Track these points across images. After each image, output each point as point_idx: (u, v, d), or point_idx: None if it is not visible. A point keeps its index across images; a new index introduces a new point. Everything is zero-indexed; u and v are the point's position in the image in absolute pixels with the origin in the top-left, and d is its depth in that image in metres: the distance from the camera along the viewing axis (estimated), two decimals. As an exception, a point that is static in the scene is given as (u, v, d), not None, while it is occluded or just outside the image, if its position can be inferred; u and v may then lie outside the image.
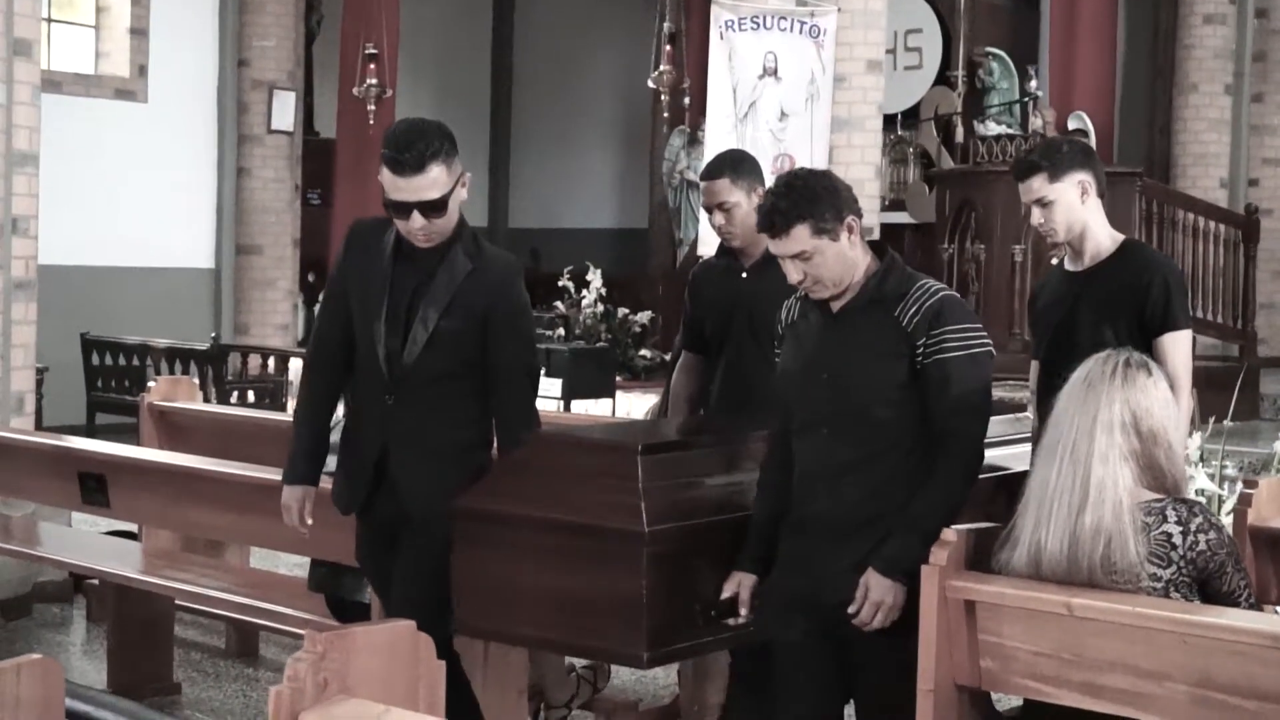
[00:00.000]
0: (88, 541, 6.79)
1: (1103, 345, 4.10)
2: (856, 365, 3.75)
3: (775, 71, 10.47)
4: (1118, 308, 4.44)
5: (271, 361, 11.96)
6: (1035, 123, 13.13)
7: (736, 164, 5.10)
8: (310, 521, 4.34)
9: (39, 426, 8.43)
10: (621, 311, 12.60)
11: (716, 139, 10.64)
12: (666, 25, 11.76)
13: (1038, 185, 4.47)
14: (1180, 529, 3.36)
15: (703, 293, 5.19)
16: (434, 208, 3.99)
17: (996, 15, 14.82)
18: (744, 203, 4.93)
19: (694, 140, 14.85)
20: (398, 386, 4.13)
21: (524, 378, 4.23)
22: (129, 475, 5.65)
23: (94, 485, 5.61)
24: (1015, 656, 3.45)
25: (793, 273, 3.78)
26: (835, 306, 3.81)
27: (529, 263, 17.17)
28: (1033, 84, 13.78)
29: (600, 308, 12.42)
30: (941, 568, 3.51)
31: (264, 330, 13.73)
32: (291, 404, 10.61)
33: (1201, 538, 3.36)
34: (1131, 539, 3.35)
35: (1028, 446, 4.51)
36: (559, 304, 12.77)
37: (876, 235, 10.88)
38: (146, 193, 13.31)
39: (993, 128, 13.64)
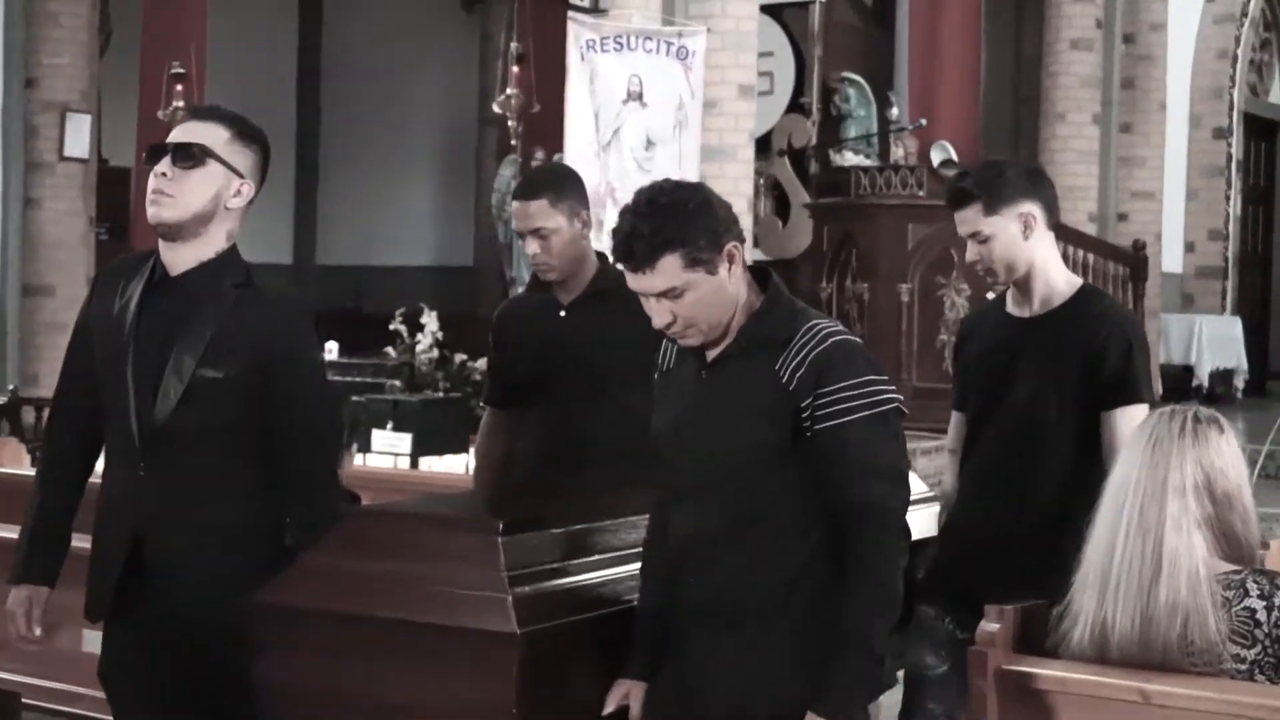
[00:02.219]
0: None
1: (1042, 408, 4.03)
2: (725, 425, 3.30)
3: (640, 96, 10.38)
4: (1064, 367, 4.07)
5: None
6: (896, 153, 13.24)
7: (557, 182, 4.64)
8: (39, 632, 3.73)
9: None
10: (459, 357, 12.37)
11: (577, 168, 10.43)
12: (515, 45, 11.57)
13: (970, 217, 4.09)
14: (1264, 603, 3.25)
15: (511, 334, 4.77)
16: (187, 152, 3.54)
17: (851, 38, 14.89)
18: (565, 228, 4.51)
19: (526, 170, 14.70)
20: (150, 452, 3.55)
21: (314, 438, 3.65)
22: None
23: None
24: (1076, 750, 3.33)
25: (658, 315, 3.29)
26: (710, 354, 3.35)
27: (349, 303, 16.83)
28: (893, 111, 13.92)
29: (436, 353, 12.17)
30: (992, 650, 3.37)
31: (55, 380, 13.16)
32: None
33: (1289, 613, 3.25)
34: (1211, 615, 3.23)
35: (930, 509, 4.35)
36: (390, 350, 12.48)
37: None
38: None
39: (850, 158, 13.73)
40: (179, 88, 12.86)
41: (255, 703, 3.51)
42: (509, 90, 11.74)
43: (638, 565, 3.54)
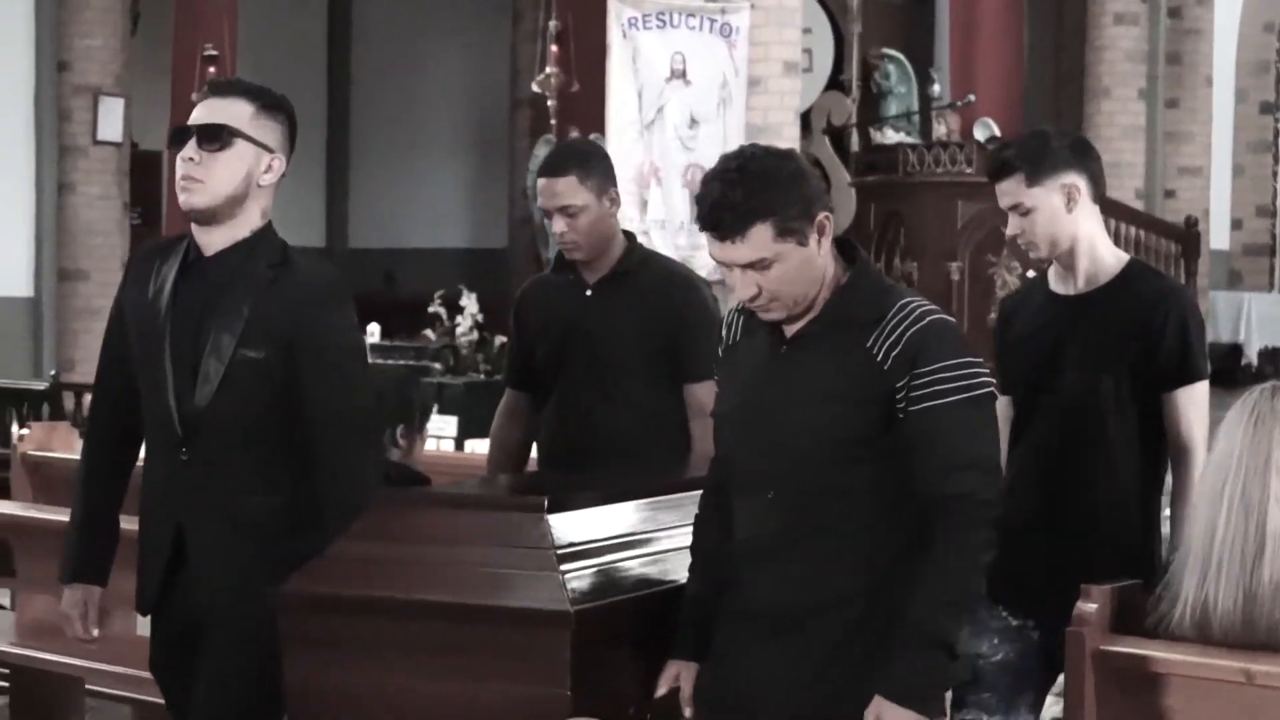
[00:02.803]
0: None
1: (1097, 391, 3.92)
2: (804, 406, 3.15)
3: (684, 74, 10.36)
4: (1118, 350, 3.94)
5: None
6: (938, 130, 13.19)
7: (585, 159, 4.57)
8: (96, 633, 3.71)
9: None
10: (499, 340, 12.37)
11: (621, 148, 10.47)
12: (553, 24, 11.54)
13: (1012, 189, 3.95)
14: (1370, 582, 3.23)
15: (534, 315, 4.67)
16: (214, 134, 3.47)
17: (890, 14, 14.84)
18: (593, 206, 4.44)
19: (559, 149, 14.66)
20: (191, 439, 3.49)
21: (345, 425, 3.53)
22: (38, 539, 5.30)
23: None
24: (1178, 731, 3.31)
25: (743, 287, 3.13)
26: (789, 329, 3.20)
27: (382, 286, 16.85)
28: (934, 88, 13.86)
29: (475, 335, 12.17)
30: (1089, 631, 3.35)
31: (91, 365, 13.18)
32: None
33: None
34: (1317, 595, 3.22)
35: None
36: (429, 332, 12.49)
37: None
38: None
39: (891, 135, 13.68)
40: (211, 69, 12.87)
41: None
42: (548, 69, 11.69)
43: (685, 543, 3.43)
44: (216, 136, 3.47)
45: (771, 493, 3.16)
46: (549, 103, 11.85)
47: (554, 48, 11.81)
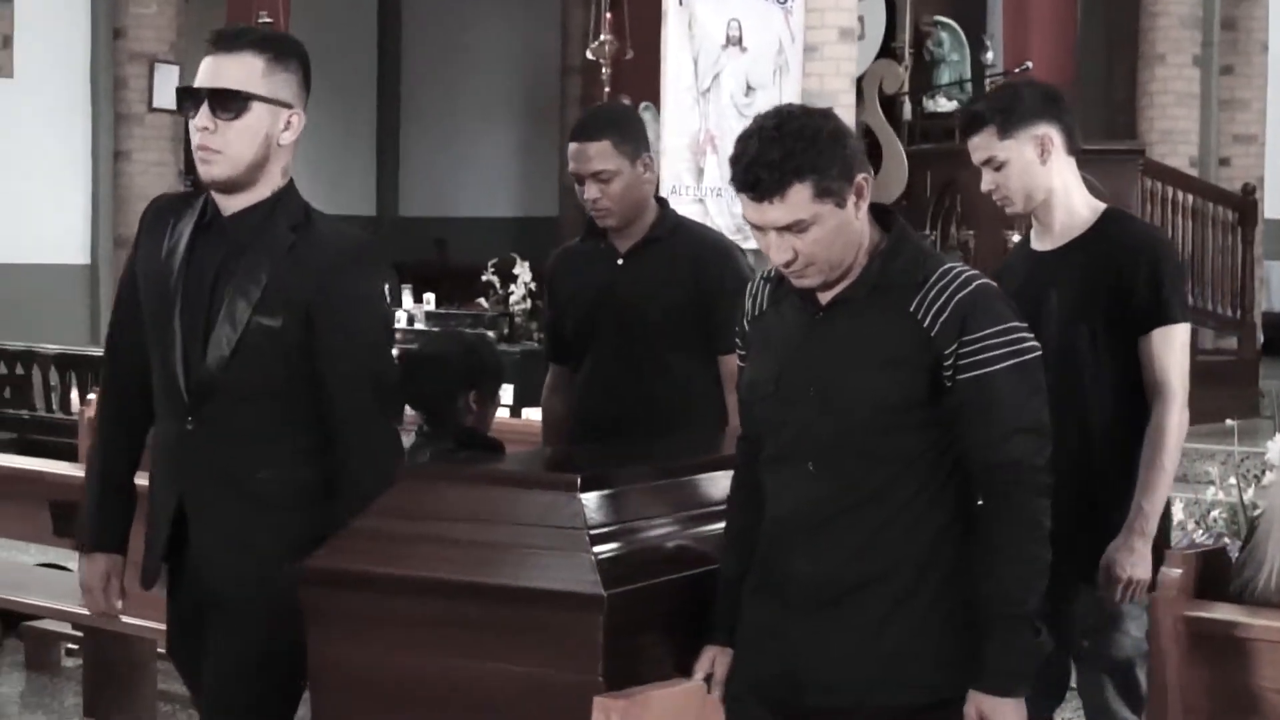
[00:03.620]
0: (21, 576, 6.43)
1: (1076, 344, 3.83)
2: (845, 375, 3.02)
3: (740, 41, 10.30)
4: (1093, 298, 3.86)
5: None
6: (991, 98, 13.11)
7: (620, 123, 4.42)
8: (120, 604, 3.53)
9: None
10: (552, 308, 12.37)
11: (676, 116, 10.44)
12: (608, -11, 11.53)
13: (984, 142, 3.89)
14: None
15: (565, 284, 4.55)
16: (228, 100, 3.27)
17: (943, -19, 14.76)
18: (627, 172, 4.30)
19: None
20: (198, 407, 3.32)
21: (366, 396, 3.38)
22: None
23: (68, 515, 5.26)
24: (1264, 698, 3.30)
25: (778, 251, 3.00)
26: (825, 296, 3.07)
27: (434, 254, 16.87)
28: (988, 55, 13.77)
29: (529, 304, 12.17)
30: (1173, 596, 3.35)
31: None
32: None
33: None
34: (1403, 559, 3.21)
35: None
36: (483, 301, 12.52)
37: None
38: (11, 180, 12.79)
39: (944, 103, 13.62)
40: (265, 38, 12.89)
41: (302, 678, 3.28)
42: (603, 36, 11.67)
43: (722, 523, 3.31)
44: (230, 104, 3.28)
45: (811, 464, 3.05)
46: (603, 70, 11.82)
47: (608, 14, 11.78)
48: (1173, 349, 3.84)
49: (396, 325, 11.01)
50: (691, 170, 10.40)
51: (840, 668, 3.01)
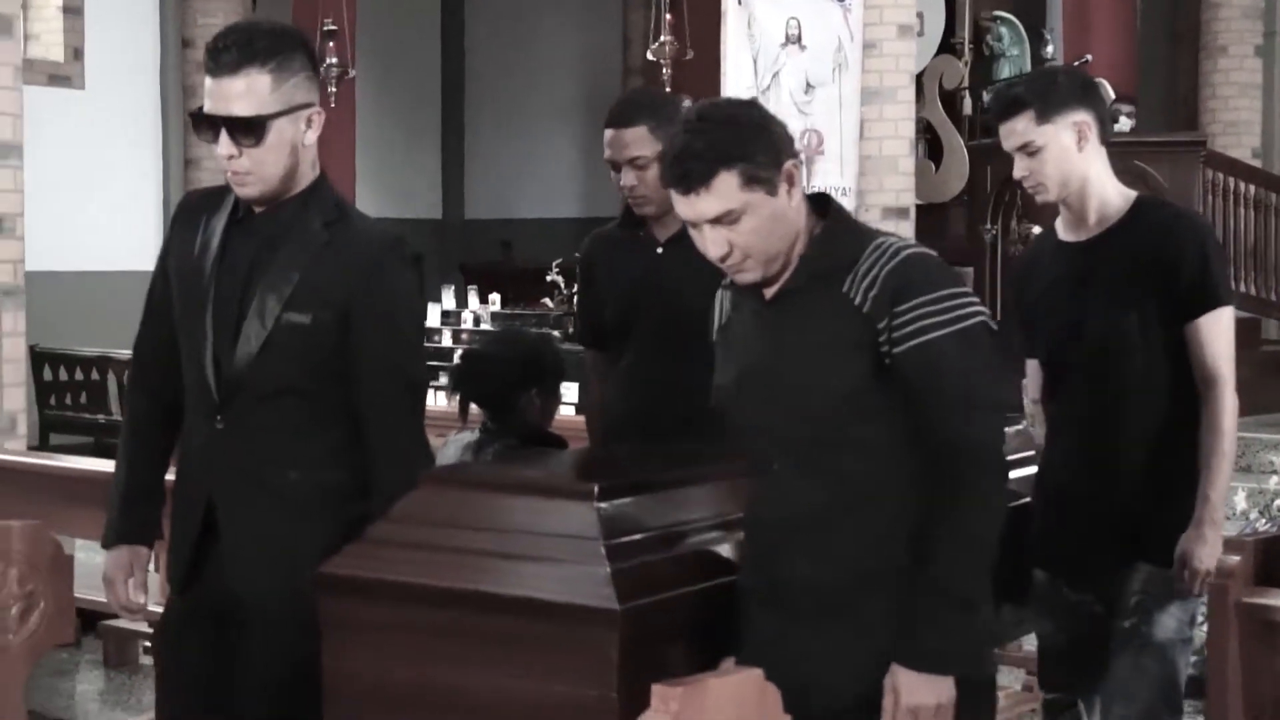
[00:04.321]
0: (99, 576, 6.49)
1: (1124, 336, 3.72)
2: (800, 370, 2.92)
3: (799, 39, 10.29)
4: (1139, 287, 3.73)
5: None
6: (1051, 91, 13.04)
7: (656, 108, 4.20)
8: (142, 599, 3.43)
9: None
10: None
11: (738, 115, 10.46)
12: (667, -9, 11.54)
13: (1022, 127, 3.79)
14: None
15: (601, 272, 4.38)
16: (245, 128, 3.16)
17: (1003, -25, 14.69)
18: None
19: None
20: (228, 405, 3.25)
21: (401, 395, 3.33)
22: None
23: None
24: (1326, 683, 3.29)
25: (713, 245, 2.91)
26: (769, 291, 2.98)
27: (499, 256, 16.94)
28: (1048, 50, 13.70)
29: (592, 303, 12.18)
30: (1232, 582, 3.34)
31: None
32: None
33: None
34: None
35: (1030, 470, 3.96)
36: (548, 301, 12.54)
37: (912, 219, 10.74)
38: (84, 189, 12.93)
39: (1004, 98, 13.55)
40: (330, 44, 12.95)
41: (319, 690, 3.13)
42: (663, 37, 11.68)
43: (743, 533, 3.16)
44: (249, 131, 3.19)
45: (785, 464, 2.95)
46: (664, 71, 11.83)
47: (668, 15, 11.80)
48: (1220, 333, 3.75)
49: (464, 326, 11.04)
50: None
51: (842, 670, 2.91)
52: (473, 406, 4.50)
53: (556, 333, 11.69)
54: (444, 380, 7.46)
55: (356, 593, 3.02)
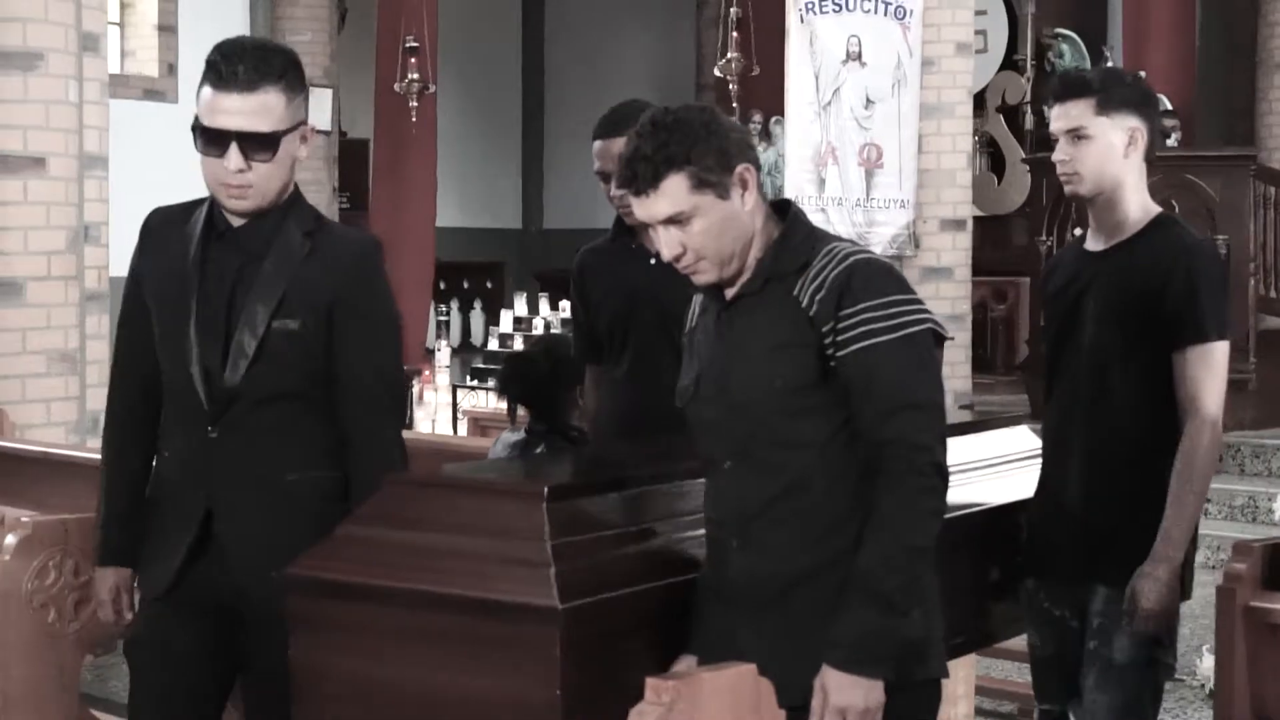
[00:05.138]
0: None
1: (1106, 352, 3.60)
2: (747, 370, 2.88)
3: (860, 56, 10.30)
4: (1127, 305, 3.56)
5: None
6: (1111, 107, 12.95)
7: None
8: (130, 616, 3.40)
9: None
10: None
11: (799, 129, 10.48)
12: (734, 10, 11.56)
13: (1078, 112, 3.60)
14: None
15: (596, 286, 4.18)
16: (260, 144, 3.14)
17: (1065, -6, 14.64)
18: None
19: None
20: (221, 415, 3.21)
21: (381, 393, 3.30)
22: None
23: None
24: (1331, 685, 3.26)
25: (666, 246, 2.87)
26: (729, 294, 2.94)
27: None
28: (1107, 66, 13.62)
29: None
30: (1240, 587, 3.31)
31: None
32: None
33: None
34: None
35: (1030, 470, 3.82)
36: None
37: (969, 230, 10.70)
38: (179, 198, 13.03)
39: (1064, 113, 13.47)
40: (412, 60, 13.06)
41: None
42: (729, 54, 11.71)
43: (700, 532, 3.07)
44: (264, 147, 3.16)
45: (729, 462, 2.92)
46: (729, 86, 11.86)
47: (734, 33, 11.83)
48: (1207, 368, 3.51)
49: (534, 332, 11.12)
50: (814, 180, 10.42)
51: (786, 666, 2.80)
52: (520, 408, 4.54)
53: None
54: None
55: (317, 591, 2.98)
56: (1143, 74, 12.29)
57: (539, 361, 4.59)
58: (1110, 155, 3.59)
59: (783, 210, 2.97)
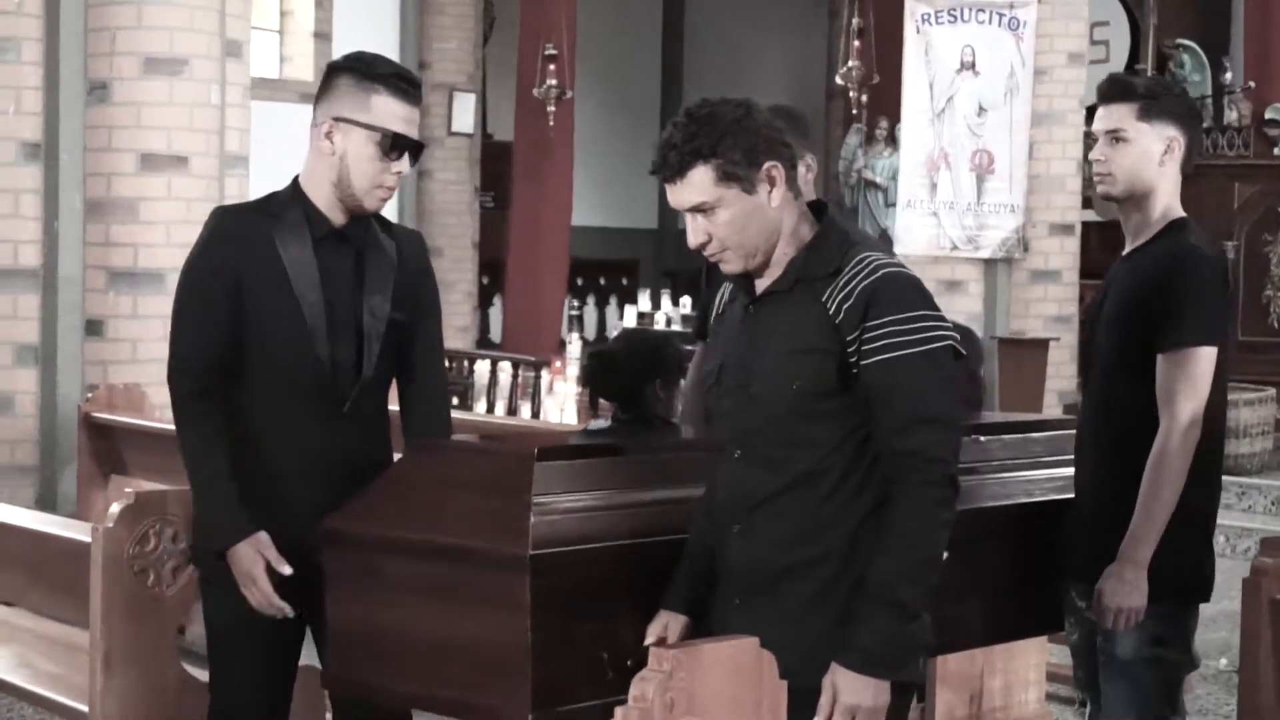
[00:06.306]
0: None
1: (1113, 354, 3.55)
2: (770, 367, 2.87)
3: (973, 65, 10.26)
4: (1132, 308, 3.49)
5: (457, 364, 11.93)
6: (1230, 116, 12.73)
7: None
8: (289, 570, 3.31)
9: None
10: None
11: (913, 135, 10.46)
12: (855, 20, 11.54)
13: (1120, 115, 3.53)
14: None
15: (719, 270, 4.38)
16: (417, 153, 3.42)
17: (1186, 5, 14.38)
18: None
19: (870, 139, 14.66)
20: (349, 395, 3.38)
21: (443, 366, 3.64)
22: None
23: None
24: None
25: (692, 233, 2.87)
26: (758, 288, 2.93)
27: (704, 264, 17.04)
28: (1227, 76, 13.38)
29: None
30: (1266, 580, 3.28)
31: (445, 333, 13.69)
32: (480, 406, 10.59)
33: None
34: None
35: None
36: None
37: (1078, 234, 10.60)
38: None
39: (1184, 122, 13.25)
40: (551, 67, 13.22)
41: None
42: (851, 63, 11.70)
43: (683, 500, 3.16)
44: (417, 156, 3.45)
45: (739, 451, 2.93)
46: (850, 94, 11.85)
47: (856, 43, 11.82)
48: (1184, 373, 3.41)
49: (656, 326, 11.20)
50: (926, 185, 10.40)
51: (770, 649, 2.77)
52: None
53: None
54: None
55: (347, 544, 3.17)
56: (1251, 84, 12.14)
57: (617, 357, 4.66)
58: (1145, 161, 3.53)
59: (819, 211, 2.97)
